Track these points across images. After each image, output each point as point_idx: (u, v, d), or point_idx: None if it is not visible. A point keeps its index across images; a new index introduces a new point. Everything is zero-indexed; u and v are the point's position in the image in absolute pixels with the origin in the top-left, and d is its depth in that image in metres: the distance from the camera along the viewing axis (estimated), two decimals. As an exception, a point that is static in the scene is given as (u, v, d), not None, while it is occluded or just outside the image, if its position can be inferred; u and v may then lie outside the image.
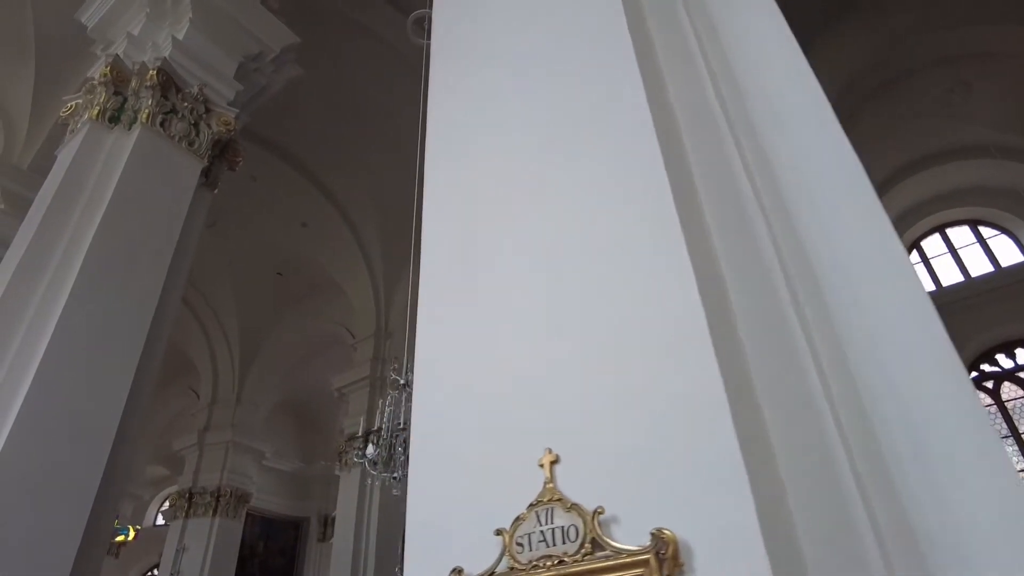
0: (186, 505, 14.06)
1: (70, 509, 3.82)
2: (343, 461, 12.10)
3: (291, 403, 17.52)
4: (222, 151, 6.04)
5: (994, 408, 11.30)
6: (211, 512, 13.97)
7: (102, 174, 5.15)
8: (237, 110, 6.05)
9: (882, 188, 12.52)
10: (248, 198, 12.43)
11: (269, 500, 16.22)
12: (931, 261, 13.25)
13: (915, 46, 10.50)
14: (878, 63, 10.67)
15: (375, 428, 5.11)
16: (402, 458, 4.90)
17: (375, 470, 4.94)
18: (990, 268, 12.45)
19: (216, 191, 6.01)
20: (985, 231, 12.87)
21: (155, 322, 4.85)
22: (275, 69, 6.74)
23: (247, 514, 15.22)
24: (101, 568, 4.28)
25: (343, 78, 11.09)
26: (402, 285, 13.90)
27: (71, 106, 5.83)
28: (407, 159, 12.65)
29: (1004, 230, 12.72)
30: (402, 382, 5.36)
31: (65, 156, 5.39)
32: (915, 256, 13.29)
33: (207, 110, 5.85)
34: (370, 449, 5.00)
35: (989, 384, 11.61)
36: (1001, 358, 11.78)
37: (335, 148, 12.43)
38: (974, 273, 12.49)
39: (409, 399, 5.36)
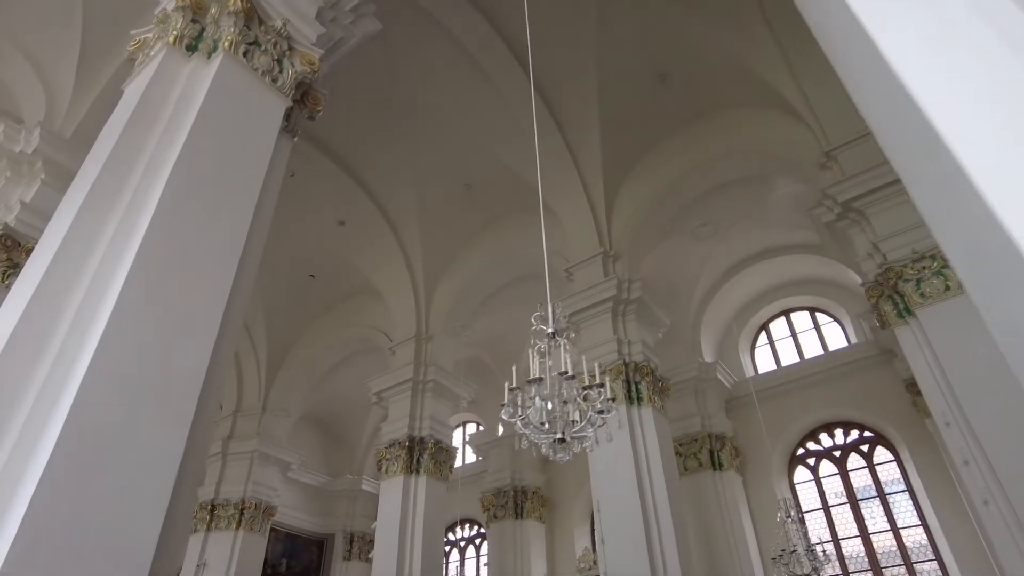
0: (208, 517, 13.23)
1: (154, 477, 3.11)
2: (384, 469, 11.29)
3: (317, 414, 16.76)
4: (303, 96, 5.46)
5: (812, 483, 12.32)
6: (235, 525, 13.12)
7: (179, 104, 4.55)
8: (321, 50, 5.49)
9: (731, 271, 13.40)
10: (283, 194, 11.86)
11: (293, 515, 15.36)
12: (775, 343, 14.07)
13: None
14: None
15: (513, 388, 4.33)
16: (568, 419, 4.17)
17: (529, 429, 4.20)
18: (821, 352, 13.31)
19: (296, 140, 5.41)
20: (821, 317, 13.84)
21: (238, 276, 4.19)
22: (353, 21, 6.21)
23: (271, 529, 14.35)
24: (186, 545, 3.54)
25: (396, 75, 10.60)
26: (443, 286, 13.26)
27: (139, 40, 5.28)
28: (453, 160, 12.31)
29: (835, 318, 13.62)
30: (550, 331, 4.65)
31: (136, 87, 4.81)
32: (763, 338, 14.28)
33: (290, 47, 5.29)
34: (536, 403, 4.25)
35: (811, 461, 12.53)
36: (824, 437, 12.64)
37: (379, 145, 11.86)
38: (808, 355, 13.33)
39: (561, 349, 4.66)
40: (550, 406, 4.17)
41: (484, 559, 15.50)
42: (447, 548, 15.50)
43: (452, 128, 11.45)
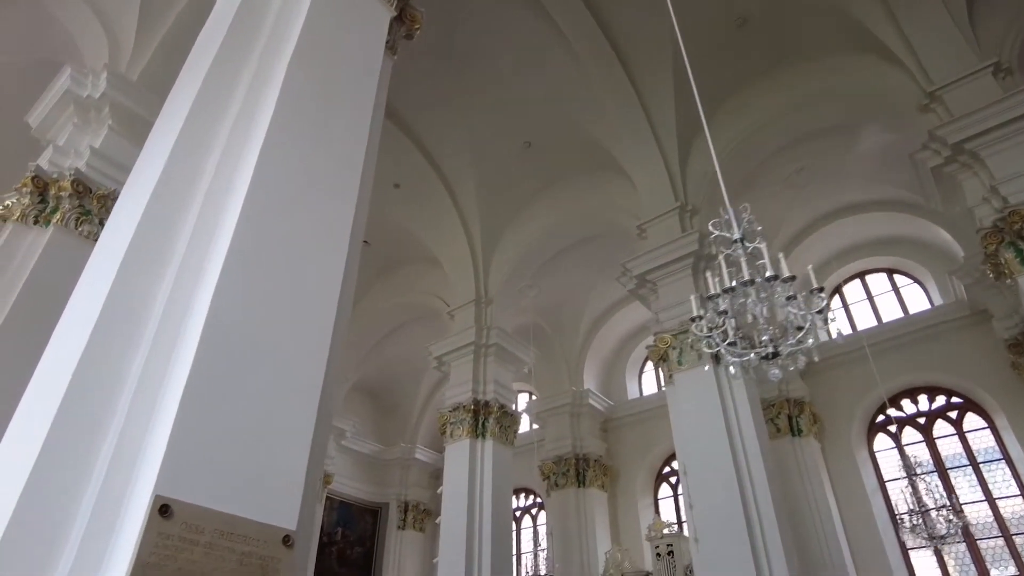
0: (266, 484, 13.08)
1: (297, 399, 2.72)
2: (448, 433, 10.98)
3: (368, 383, 16.53)
4: (400, 12, 5.01)
5: (895, 451, 11.56)
6: (293, 492, 12.95)
7: (283, 9, 4.13)
8: (420, -40, 5.03)
9: (805, 231, 12.76)
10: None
11: (347, 484, 15.21)
12: (850, 307, 13.43)
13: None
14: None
15: (711, 295, 3.85)
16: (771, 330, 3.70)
17: (730, 351, 3.75)
18: (901, 315, 12.61)
19: (396, 58, 4.97)
20: (899, 280, 13.12)
21: (360, 195, 3.77)
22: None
23: (326, 498, 14.21)
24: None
25: (456, 23, 10.08)
26: (501, 249, 12.83)
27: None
28: (513, 116, 11.79)
29: (916, 279, 12.90)
30: (736, 237, 4.16)
31: (232, -4, 4.37)
32: (837, 301, 13.62)
33: (389, -45, 4.82)
34: (751, 306, 3.77)
35: (892, 428, 11.84)
36: (907, 403, 11.95)
37: (435, 99, 11.36)
38: (886, 319, 12.67)
39: (749, 255, 4.18)
40: (761, 314, 3.65)
41: (541, 529, 15.22)
42: (503, 518, 15.22)
43: (513, 82, 10.91)
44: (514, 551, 14.55)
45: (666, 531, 11.24)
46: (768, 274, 3.77)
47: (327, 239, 3.19)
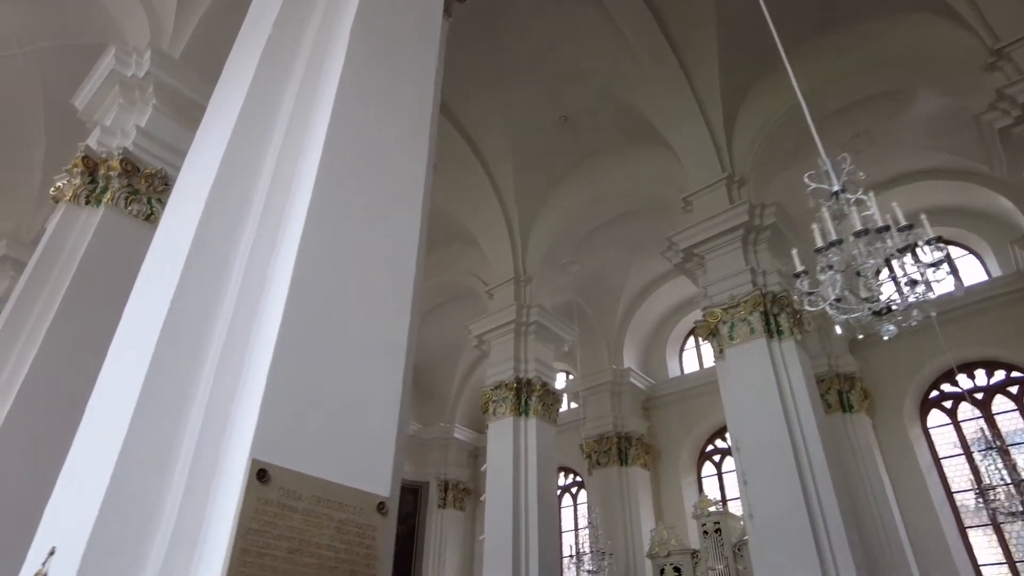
0: (309, 464, 13.20)
1: (384, 360, 2.61)
2: (491, 411, 10.92)
3: (406, 363, 16.52)
4: (453, -27, 4.85)
5: (951, 426, 11.24)
6: (336, 471, 13.06)
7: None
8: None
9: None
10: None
11: (387, 464, 15.26)
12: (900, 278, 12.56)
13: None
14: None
15: (819, 247, 3.66)
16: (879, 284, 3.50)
17: (838, 308, 3.56)
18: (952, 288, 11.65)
19: (451, 20, 4.81)
20: (954, 251, 12.67)
21: (429, 157, 3.62)
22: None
23: (368, 477, 14.29)
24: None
25: (493, 8, 9.84)
26: (539, 226, 12.65)
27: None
28: (549, 90, 11.55)
29: (971, 250, 12.38)
30: (836, 189, 3.96)
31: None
32: (885, 273, 12.32)
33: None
34: (865, 259, 3.57)
35: (948, 404, 11.47)
36: (963, 378, 11.44)
37: (468, 74, 11.14)
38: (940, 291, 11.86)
39: (851, 207, 3.98)
40: (872, 267, 3.45)
41: (582, 508, 15.16)
42: (543, 497, 15.18)
43: (549, 56, 10.65)
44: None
45: (713, 509, 11.08)
46: (881, 224, 3.52)
47: (403, 197, 3.07)
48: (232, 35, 8.23)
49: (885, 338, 3.64)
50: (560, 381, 16.28)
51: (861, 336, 3.63)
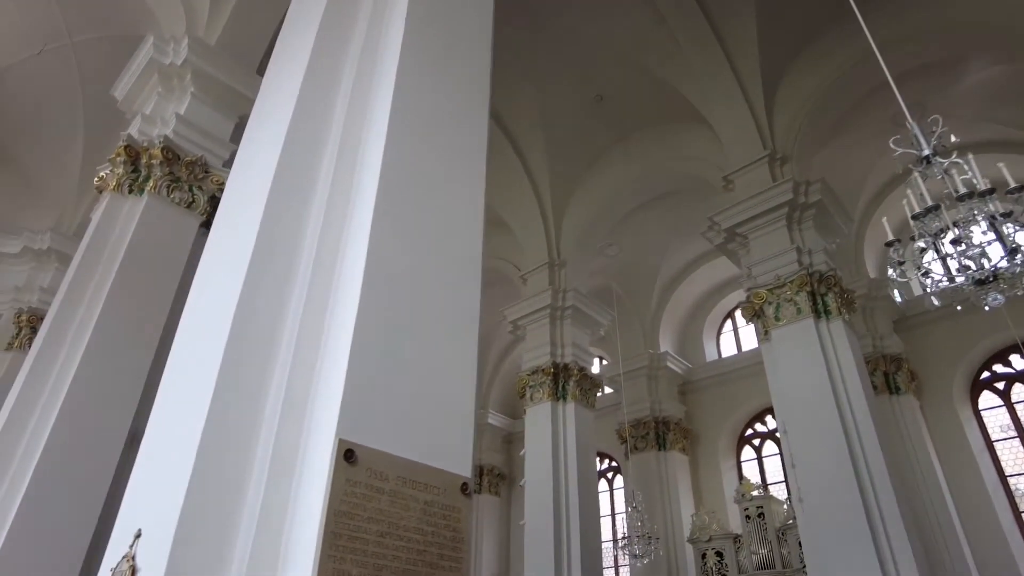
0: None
1: (459, 339, 2.52)
2: (528, 396, 10.85)
3: (438, 350, 16.53)
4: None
5: (1003, 408, 10.99)
6: (373, 457, 13.12)
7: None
8: None
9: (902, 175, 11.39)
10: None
11: (422, 450, 15.32)
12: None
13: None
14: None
15: (916, 213, 3.49)
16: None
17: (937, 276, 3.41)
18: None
19: None
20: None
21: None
22: None
23: (403, 463, 14.35)
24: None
25: None
26: (573, 209, 12.48)
27: None
28: (583, 70, 11.34)
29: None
30: (926, 153, 3.78)
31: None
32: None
33: None
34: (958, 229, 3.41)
35: (1000, 385, 11.17)
36: (1015, 359, 11.09)
37: (505, 63, 10.91)
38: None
39: (945, 170, 3.81)
40: (971, 234, 3.28)
41: (618, 493, 15.08)
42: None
43: (583, 34, 10.43)
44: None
45: (755, 493, 10.92)
46: (982, 188, 3.34)
47: (466, 169, 2.98)
48: (265, 20, 8.23)
49: (987, 308, 3.44)
50: (595, 367, 16.17)
51: (959, 307, 3.43)
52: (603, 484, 15.45)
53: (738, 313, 14.89)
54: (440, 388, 2.32)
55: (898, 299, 11.25)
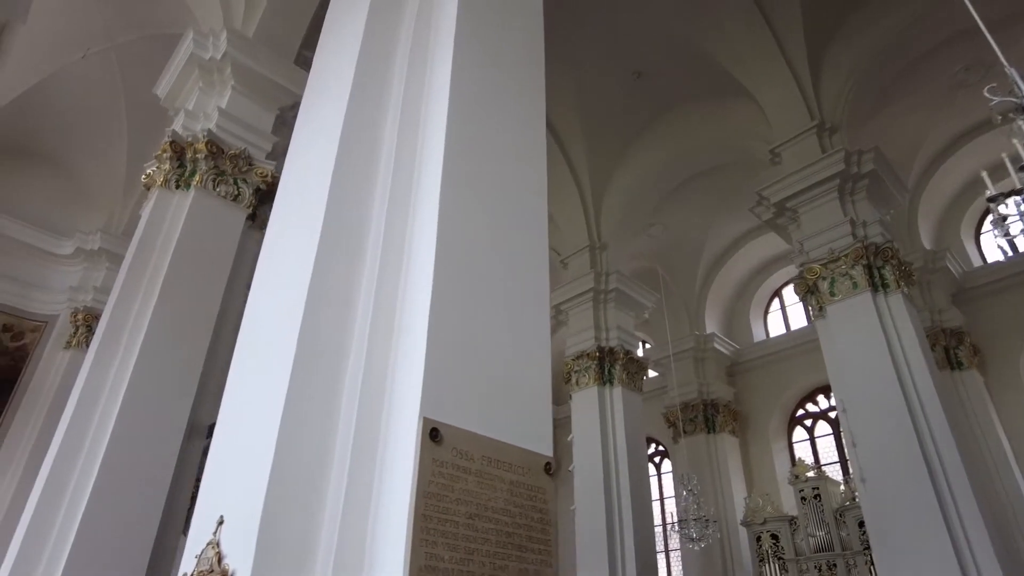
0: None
1: (533, 315, 2.42)
2: (574, 381, 10.75)
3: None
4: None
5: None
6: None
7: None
8: None
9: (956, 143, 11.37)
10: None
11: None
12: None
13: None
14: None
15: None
16: None
17: None
18: None
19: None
20: None
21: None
22: None
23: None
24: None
25: None
26: (612, 190, 12.26)
27: None
28: (620, 46, 11.09)
29: None
30: None
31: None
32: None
33: None
34: None
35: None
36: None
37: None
38: None
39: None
40: None
41: (665, 477, 14.91)
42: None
43: (620, 9, 10.17)
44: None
45: (810, 474, 10.65)
46: None
47: (528, 145, 2.87)
48: (301, 10, 8.19)
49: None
50: (639, 351, 15.97)
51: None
52: (651, 469, 15.29)
53: (786, 291, 14.56)
54: (517, 366, 2.22)
55: (1002, 256, 11.01)
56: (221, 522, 1.91)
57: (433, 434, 1.85)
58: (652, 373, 14.49)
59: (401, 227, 2.35)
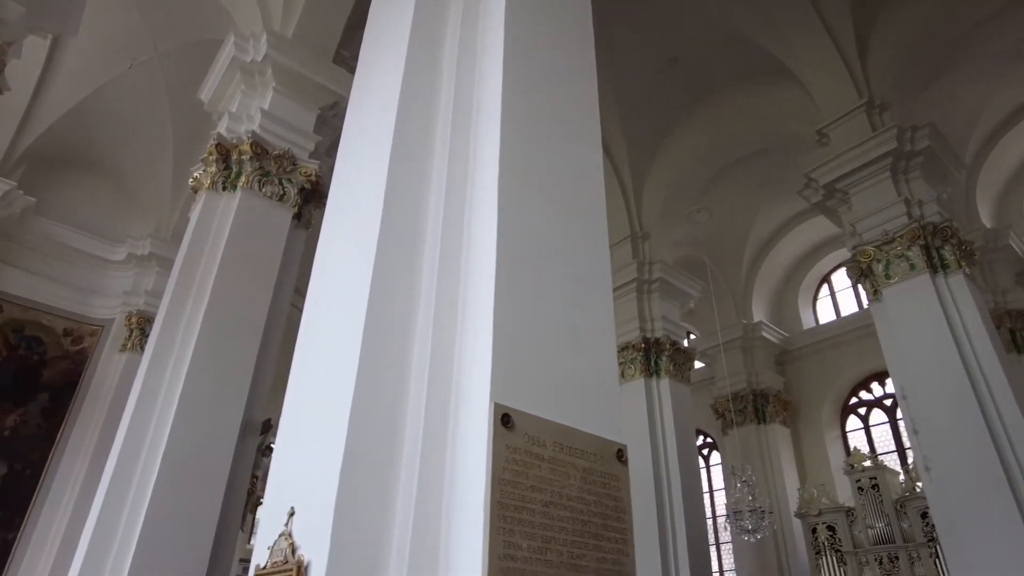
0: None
1: (597, 298, 2.35)
2: (620, 374, 10.60)
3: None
4: None
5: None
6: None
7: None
8: None
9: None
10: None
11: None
12: None
13: None
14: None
15: None
16: None
17: None
18: None
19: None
20: None
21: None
22: None
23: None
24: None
25: None
26: (652, 178, 12.07)
27: None
28: (655, 32, 10.87)
29: None
30: None
31: None
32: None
33: None
34: None
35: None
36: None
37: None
38: None
39: None
40: None
41: (714, 469, 14.66)
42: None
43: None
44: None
45: (867, 464, 10.33)
46: None
47: (582, 125, 2.79)
48: (338, 8, 8.23)
49: None
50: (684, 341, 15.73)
51: None
52: (699, 461, 15.06)
53: (835, 277, 14.15)
54: (583, 350, 2.16)
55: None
56: (292, 513, 1.90)
57: (505, 420, 1.80)
58: (699, 364, 14.25)
59: (459, 212, 2.30)
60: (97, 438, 9.09)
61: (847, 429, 12.93)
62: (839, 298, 14.05)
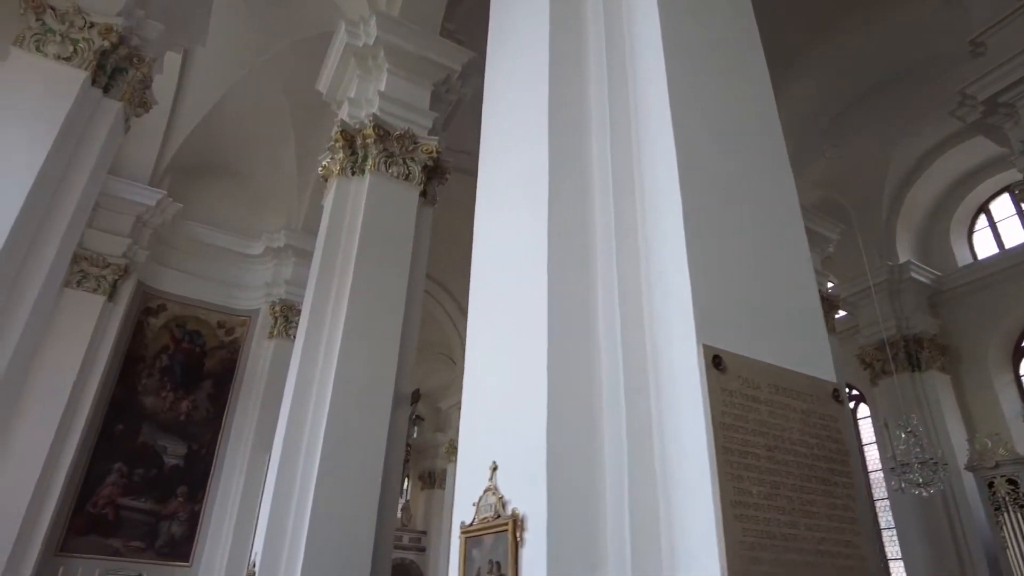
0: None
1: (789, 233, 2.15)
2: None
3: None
4: None
5: None
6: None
7: None
8: None
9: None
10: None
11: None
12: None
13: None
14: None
15: None
16: None
17: None
18: None
19: None
20: None
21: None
22: None
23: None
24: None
25: None
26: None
27: None
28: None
29: None
30: None
31: None
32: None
33: None
34: None
35: None
36: None
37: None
38: None
39: None
40: None
41: (862, 423, 13.75)
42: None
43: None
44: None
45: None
46: None
47: (748, 58, 2.56)
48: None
49: None
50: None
51: None
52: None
53: (994, 205, 12.70)
54: (783, 287, 1.98)
55: None
56: (495, 468, 1.87)
57: (716, 361, 1.67)
58: (841, 313, 13.34)
59: (627, 148, 2.17)
60: (257, 418, 9.85)
61: (1022, 373, 11.66)
62: (1001, 228, 12.60)
